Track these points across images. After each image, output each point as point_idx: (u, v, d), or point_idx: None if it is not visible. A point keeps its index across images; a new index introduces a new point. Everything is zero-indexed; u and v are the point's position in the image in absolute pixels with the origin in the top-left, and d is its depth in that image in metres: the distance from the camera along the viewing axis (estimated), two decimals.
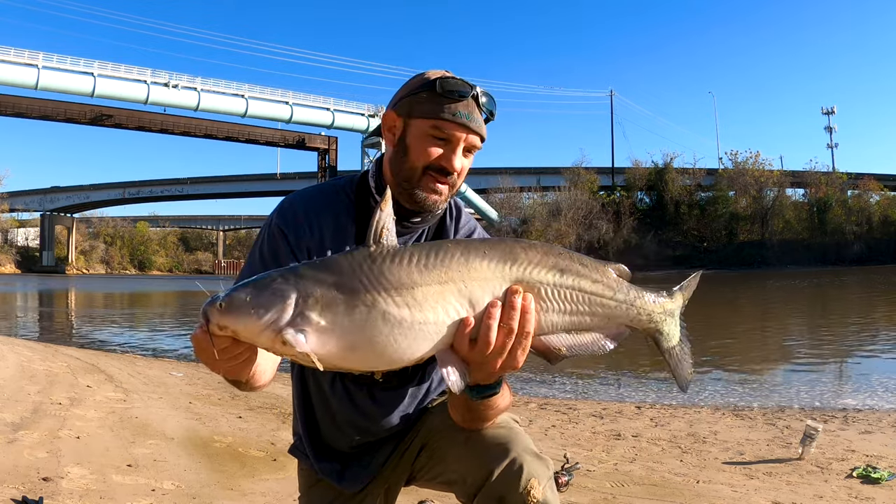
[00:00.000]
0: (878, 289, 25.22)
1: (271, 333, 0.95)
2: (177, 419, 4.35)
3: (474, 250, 1.05)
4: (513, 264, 1.05)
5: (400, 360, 1.01)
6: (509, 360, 1.06)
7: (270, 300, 0.95)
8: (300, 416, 1.49)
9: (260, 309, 0.94)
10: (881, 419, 4.89)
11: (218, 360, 1.02)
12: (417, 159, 1.32)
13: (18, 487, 2.70)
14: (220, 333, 0.97)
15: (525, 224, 55.96)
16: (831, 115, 69.91)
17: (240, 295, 0.96)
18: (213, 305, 0.96)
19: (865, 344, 10.00)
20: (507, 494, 1.23)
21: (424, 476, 1.47)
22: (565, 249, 1.12)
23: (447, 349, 1.03)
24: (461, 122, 1.29)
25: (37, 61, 47.25)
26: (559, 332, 1.09)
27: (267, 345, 0.97)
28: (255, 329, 0.95)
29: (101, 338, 12.33)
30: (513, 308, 1.03)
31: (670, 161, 62.68)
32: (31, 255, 75.60)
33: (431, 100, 1.30)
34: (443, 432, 1.38)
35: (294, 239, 1.36)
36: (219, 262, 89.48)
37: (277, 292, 0.96)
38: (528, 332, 1.05)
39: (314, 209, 1.40)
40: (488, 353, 1.04)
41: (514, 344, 1.05)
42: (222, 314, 0.96)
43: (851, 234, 56.01)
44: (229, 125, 57.85)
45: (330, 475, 1.46)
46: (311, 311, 0.96)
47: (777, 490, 3.14)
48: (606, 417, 5.03)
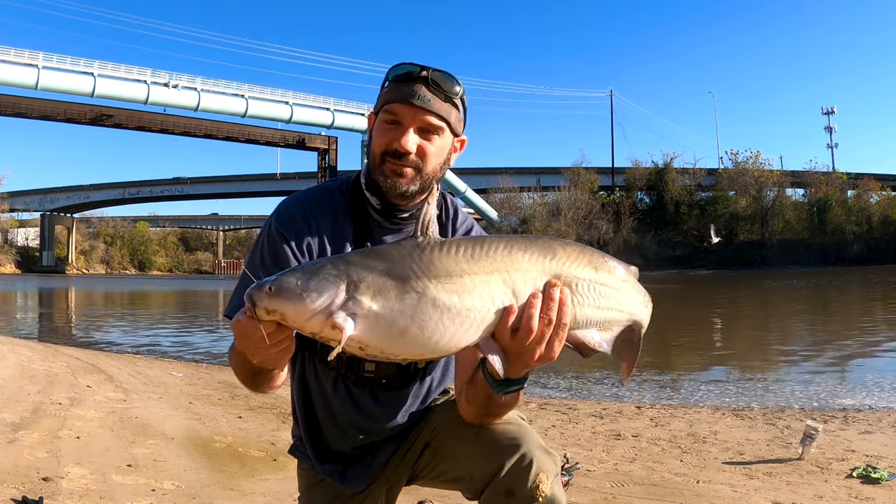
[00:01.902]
0: (875, 289, 25.22)
1: (322, 317, 0.96)
2: (177, 419, 4.35)
3: (516, 244, 1.09)
4: (552, 258, 1.10)
5: (446, 347, 1.03)
6: (547, 350, 1.10)
7: (322, 284, 0.96)
8: (301, 419, 1.49)
9: (312, 293, 0.96)
10: (881, 419, 4.89)
11: (260, 347, 1.03)
12: (376, 147, 1.37)
13: (18, 487, 2.70)
14: (267, 318, 0.98)
15: (525, 224, 55.97)
16: (831, 115, 69.99)
17: (290, 279, 0.97)
18: (261, 289, 0.97)
19: (865, 344, 10.00)
20: (516, 488, 1.24)
21: (428, 475, 1.47)
22: (596, 249, 1.17)
23: (489, 337, 1.07)
24: (407, 102, 1.32)
25: (37, 61, 47.26)
26: (592, 326, 1.14)
27: (316, 329, 0.97)
28: (305, 312, 0.96)
29: (101, 338, 12.33)
30: (552, 299, 1.07)
31: (670, 161, 62.77)
32: (31, 255, 75.60)
33: (386, 90, 1.36)
34: (448, 430, 1.39)
35: (294, 240, 1.37)
36: (219, 262, 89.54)
37: (329, 277, 0.97)
38: (565, 323, 1.09)
39: (311, 211, 1.42)
40: (528, 342, 1.07)
41: (552, 335, 1.09)
42: (272, 297, 0.96)
43: (851, 234, 56.03)
44: (229, 125, 57.87)
45: (332, 475, 1.46)
46: (363, 296, 0.97)
47: (777, 490, 3.14)
48: (606, 417, 5.03)
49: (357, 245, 1.41)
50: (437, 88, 1.33)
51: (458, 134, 1.41)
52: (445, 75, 1.35)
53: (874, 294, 22.92)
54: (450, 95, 1.35)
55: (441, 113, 1.34)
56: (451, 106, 1.36)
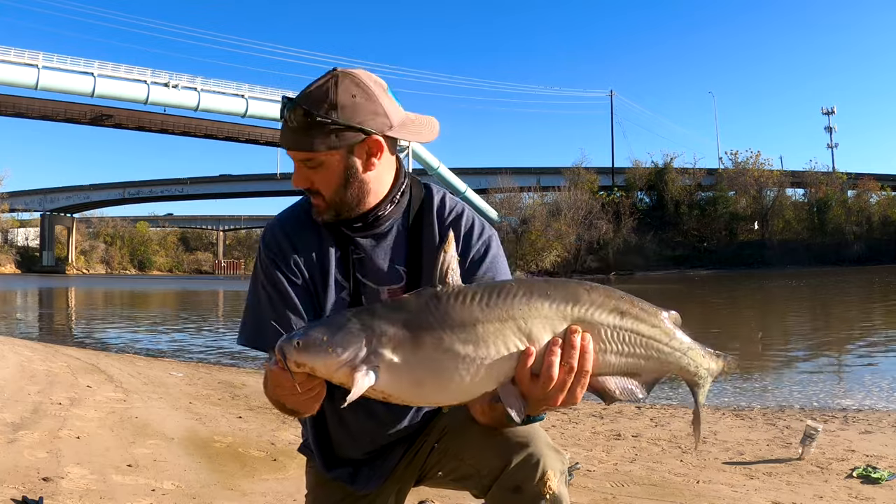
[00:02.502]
0: (875, 289, 25.22)
1: (347, 370, 1.01)
2: (177, 419, 4.35)
3: (538, 290, 1.08)
4: (574, 304, 1.08)
5: (465, 394, 1.06)
6: (569, 396, 1.09)
7: (346, 339, 1.02)
8: (311, 430, 1.49)
9: (337, 347, 1.01)
10: (881, 419, 4.89)
11: (293, 394, 1.10)
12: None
13: (18, 487, 2.71)
14: (296, 370, 1.03)
15: (525, 224, 55.94)
16: (831, 115, 69.98)
17: (316, 334, 1.03)
18: (289, 343, 1.03)
19: (865, 344, 10.00)
20: (524, 485, 1.25)
21: (436, 474, 1.47)
22: (625, 293, 1.14)
23: (509, 383, 1.07)
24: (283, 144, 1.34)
25: (37, 61, 47.22)
26: (616, 373, 1.12)
27: (342, 380, 1.03)
28: (332, 366, 1.02)
29: (102, 338, 12.33)
30: (573, 347, 1.06)
31: (670, 161, 62.79)
32: (31, 255, 75.59)
33: None
34: (457, 430, 1.39)
35: (284, 265, 1.40)
36: (219, 262, 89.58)
37: (352, 331, 1.03)
38: (586, 370, 1.08)
39: (294, 228, 1.44)
40: (549, 389, 1.07)
41: (573, 382, 1.08)
42: (300, 352, 1.02)
43: (851, 234, 56.03)
44: (229, 125, 57.87)
45: (342, 479, 1.47)
46: (384, 349, 1.02)
47: (777, 490, 3.14)
48: (606, 417, 5.03)
49: (342, 249, 1.42)
50: (295, 120, 1.29)
51: (351, 143, 1.30)
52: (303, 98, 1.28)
53: (874, 294, 22.93)
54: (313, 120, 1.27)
55: (302, 147, 1.30)
56: (318, 130, 1.28)
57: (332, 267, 1.41)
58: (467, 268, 1.39)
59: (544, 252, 53.66)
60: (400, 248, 1.42)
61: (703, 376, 1.19)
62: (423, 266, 1.41)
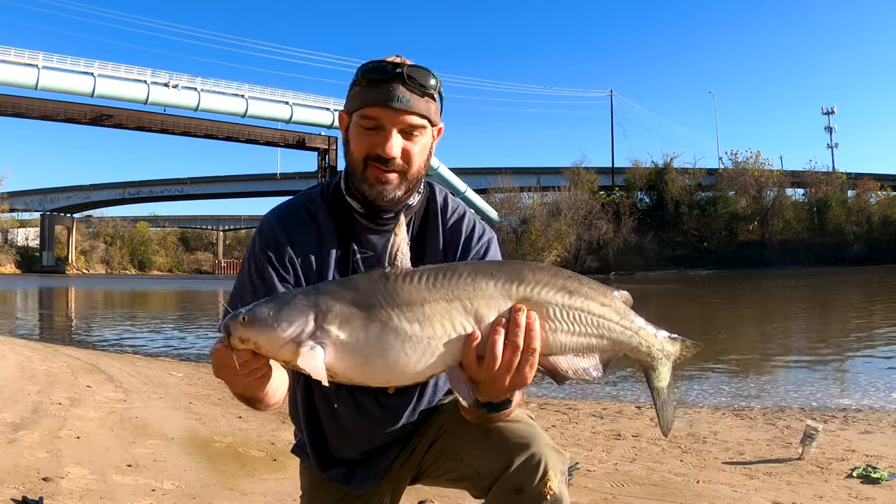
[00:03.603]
0: (875, 290, 25.21)
1: (293, 346, 1.00)
2: (177, 419, 4.35)
3: (482, 270, 1.08)
4: (519, 284, 1.08)
5: (411, 374, 1.04)
6: (517, 377, 1.07)
7: (292, 314, 1.00)
8: (305, 428, 1.48)
9: (283, 322, 1.00)
10: (881, 419, 4.89)
11: (237, 375, 1.06)
12: (357, 152, 1.33)
13: (18, 487, 2.71)
14: (241, 347, 1.01)
15: (525, 224, 55.92)
16: (831, 115, 69.97)
17: (262, 309, 1.01)
18: (235, 319, 1.01)
19: (865, 344, 9.99)
20: (525, 485, 1.25)
21: (433, 473, 1.47)
22: (574, 273, 1.12)
23: (457, 367, 1.06)
24: (387, 105, 1.26)
25: (37, 61, 47.19)
26: (567, 352, 1.11)
27: (287, 357, 1.01)
28: (276, 342, 1.00)
29: (102, 338, 12.33)
30: (517, 325, 1.05)
31: (670, 161, 62.71)
32: (31, 255, 75.58)
33: (359, 90, 1.30)
34: (454, 429, 1.38)
35: (277, 259, 1.36)
36: (219, 262, 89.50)
37: (298, 307, 1.01)
38: (533, 348, 1.06)
39: (292, 224, 1.40)
40: (496, 369, 1.05)
41: (520, 361, 1.06)
42: (245, 327, 1.00)
43: (851, 234, 55.98)
44: (229, 125, 57.78)
45: (337, 479, 1.46)
46: (331, 326, 1.01)
47: (777, 490, 3.14)
48: (606, 417, 5.03)
49: (343, 249, 1.40)
50: (414, 85, 1.27)
51: (437, 124, 1.36)
52: (421, 70, 1.28)
53: (874, 294, 22.92)
54: (428, 90, 1.29)
55: (421, 111, 1.29)
56: (430, 100, 1.30)
57: (331, 269, 1.39)
58: None
59: (544, 252, 53.62)
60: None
61: (656, 357, 1.16)
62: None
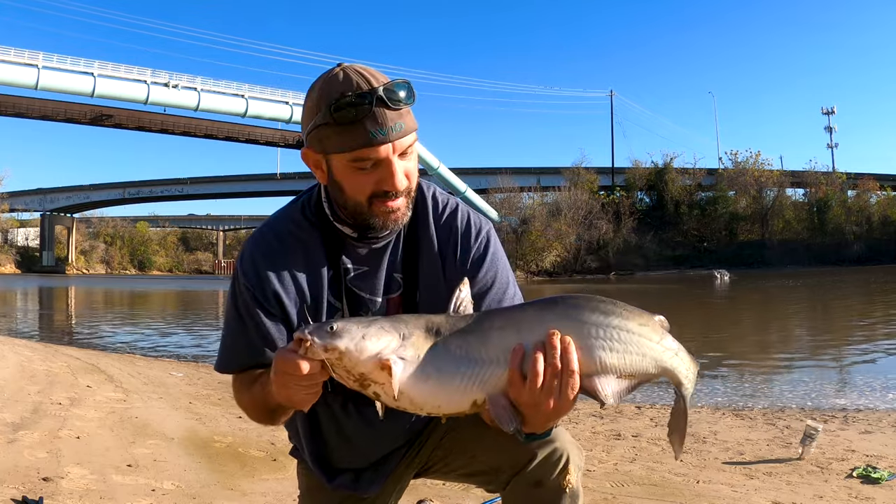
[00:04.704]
0: (875, 290, 25.22)
1: (376, 360, 1.05)
2: (177, 419, 4.35)
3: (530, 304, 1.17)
4: (553, 307, 1.13)
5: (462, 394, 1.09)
6: (561, 400, 1.08)
7: (379, 332, 1.07)
8: (307, 445, 1.46)
9: (372, 337, 1.06)
10: (881, 419, 4.89)
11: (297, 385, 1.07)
12: (357, 194, 1.24)
13: (18, 487, 2.71)
14: (323, 355, 1.04)
15: (525, 224, 55.89)
16: (831, 115, 69.95)
17: (350, 325, 1.06)
18: (321, 328, 1.05)
19: (865, 344, 10.00)
20: (545, 479, 1.26)
21: (441, 469, 1.46)
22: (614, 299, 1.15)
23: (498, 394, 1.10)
24: (382, 141, 1.18)
25: (37, 61, 47.17)
26: (609, 372, 1.11)
27: (366, 369, 1.05)
28: (364, 352, 1.05)
29: (101, 338, 12.33)
30: (553, 347, 1.07)
31: (670, 161, 62.72)
32: (31, 255, 75.59)
33: (336, 132, 1.19)
34: (465, 426, 1.36)
35: (260, 294, 1.31)
36: (219, 262, 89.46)
37: (385, 327, 1.09)
38: (572, 370, 1.07)
39: (276, 255, 1.34)
40: (538, 391, 1.06)
41: (561, 383, 1.07)
42: (333, 336, 1.04)
43: (851, 234, 55.98)
44: (229, 125, 57.79)
45: (344, 485, 1.45)
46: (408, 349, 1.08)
47: (777, 490, 3.14)
48: (606, 417, 5.03)
49: (333, 268, 1.34)
50: (394, 103, 1.19)
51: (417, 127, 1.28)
52: (392, 85, 1.19)
53: (874, 294, 22.93)
54: (406, 101, 1.21)
55: (409, 127, 1.22)
56: (409, 108, 1.23)
57: (325, 290, 1.34)
58: (469, 267, 1.37)
59: (544, 252, 53.64)
60: (396, 254, 1.38)
61: (691, 379, 1.18)
62: (420, 272, 1.37)
